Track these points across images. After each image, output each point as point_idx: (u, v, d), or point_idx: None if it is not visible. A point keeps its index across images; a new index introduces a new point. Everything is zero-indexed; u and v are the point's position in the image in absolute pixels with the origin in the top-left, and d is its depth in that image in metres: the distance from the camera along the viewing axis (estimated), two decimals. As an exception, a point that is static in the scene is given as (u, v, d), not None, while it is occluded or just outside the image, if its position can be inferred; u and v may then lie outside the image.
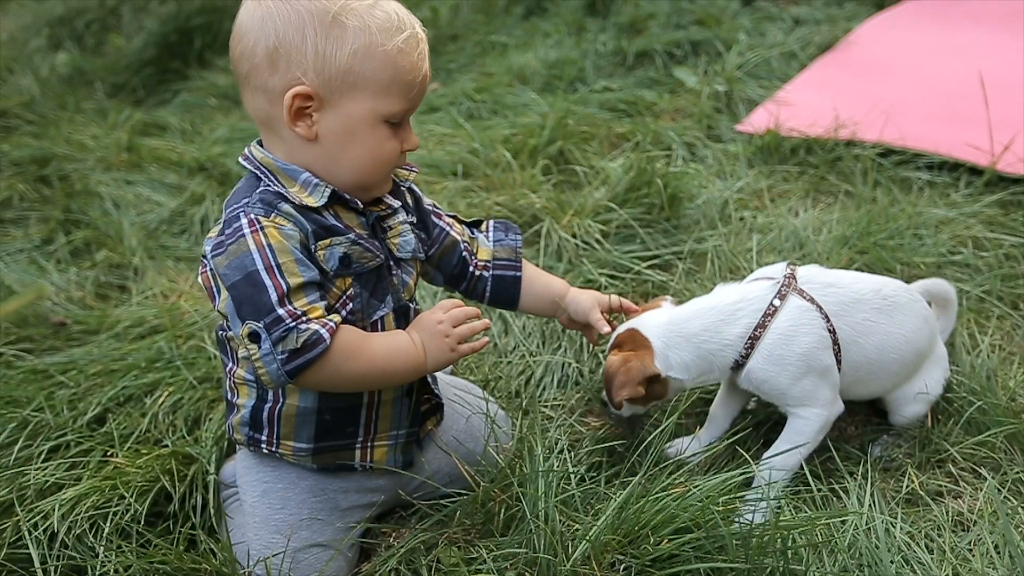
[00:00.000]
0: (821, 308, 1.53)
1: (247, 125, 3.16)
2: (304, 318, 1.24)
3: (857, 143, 2.60)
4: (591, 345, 1.89)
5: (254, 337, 1.23)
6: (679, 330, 1.54)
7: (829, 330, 1.53)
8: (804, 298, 1.53)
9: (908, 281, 1.80)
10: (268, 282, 1.23)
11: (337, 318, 1.29)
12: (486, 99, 3.11)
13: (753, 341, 1.52)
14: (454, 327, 1.38)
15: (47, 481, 1.53)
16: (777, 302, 1.52)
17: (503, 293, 1.58)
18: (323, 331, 1.24)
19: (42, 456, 1.60)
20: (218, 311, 1.32)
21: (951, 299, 1.84)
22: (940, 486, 1.57)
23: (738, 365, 1.54)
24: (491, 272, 1.57)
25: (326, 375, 1.27)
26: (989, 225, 2.25)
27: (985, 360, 1.80)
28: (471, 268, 1.57)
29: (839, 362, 1.55)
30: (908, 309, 1.61)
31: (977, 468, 1.59)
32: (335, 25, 1.25)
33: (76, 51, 4.01)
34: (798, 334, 1.51)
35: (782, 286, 1.54)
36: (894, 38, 3.41)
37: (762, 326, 1.51)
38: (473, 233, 1.60)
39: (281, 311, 1.23)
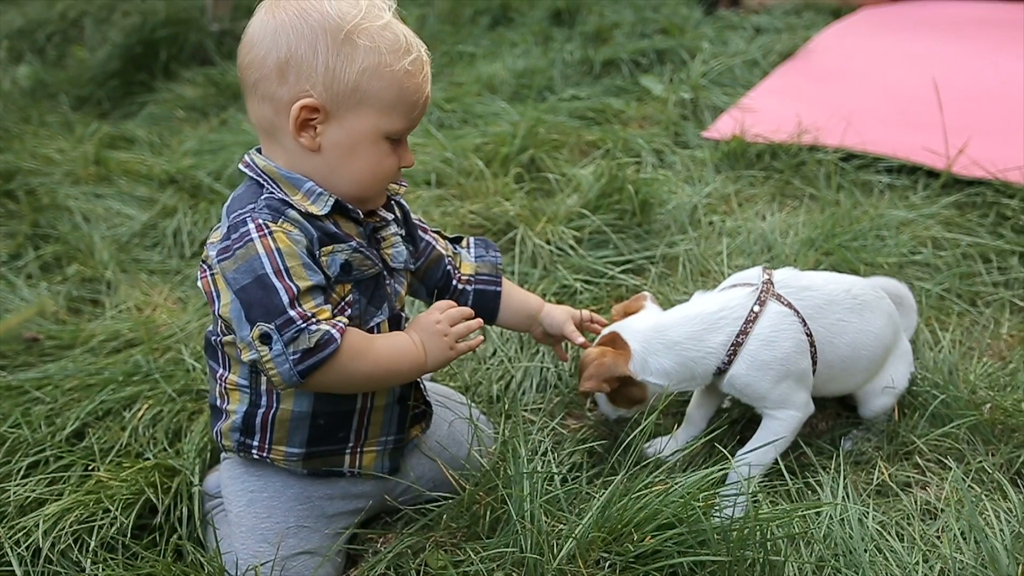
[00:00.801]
0: (798, 312, 1.58)
1: (217, 137, 3.15)
2: (314, 319, 1.26)
3: (820, 148, 2.68)
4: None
5: (265, 339, 1.25)
6: (661, 337, 1.58)
7: (807, 334, 1.58)
8: (782, 303, 1.58)
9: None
10: (278, 284, 1.25)
11: (344, 319, 1.31)
12: (456, 108, 3.14)
13: (736, 348, 1.56)
14: (451, 326, 1.41)
15: (28, 497, 1.52)
16: (757, 308, 1.57)
17: (483, 307, 1.62)
18: (334, 331, 1.27)
19: (21, 472, 1.59)
20: (218, 315, 1.33)
21: (905, 297, 1.90)
22: (908, 477, 1.63)
23: (720, 371, 1.58)
24: (473, 286, 1.61)
25: (335, 375, 1.29)
26: (947, 226, 2.33)
27: (947, 355, 1.87)
28: (454, 282, 1.60)
29: (815, 363, 1.60)
30: (875, 307, 1.67)
31: (943, 459, 1.65)
32: (347, 43, 1.28)
33: (38, 64, 3.96)
34: (779, 339, 1.56)
35: (761, 292, 1.59)
36: (851, 46, 3.52)
37: (744, 332, 1.56)
38: (456, 249, 1.64)
39: (292, 312, 1.25)
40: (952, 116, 2.64)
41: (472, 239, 1.67)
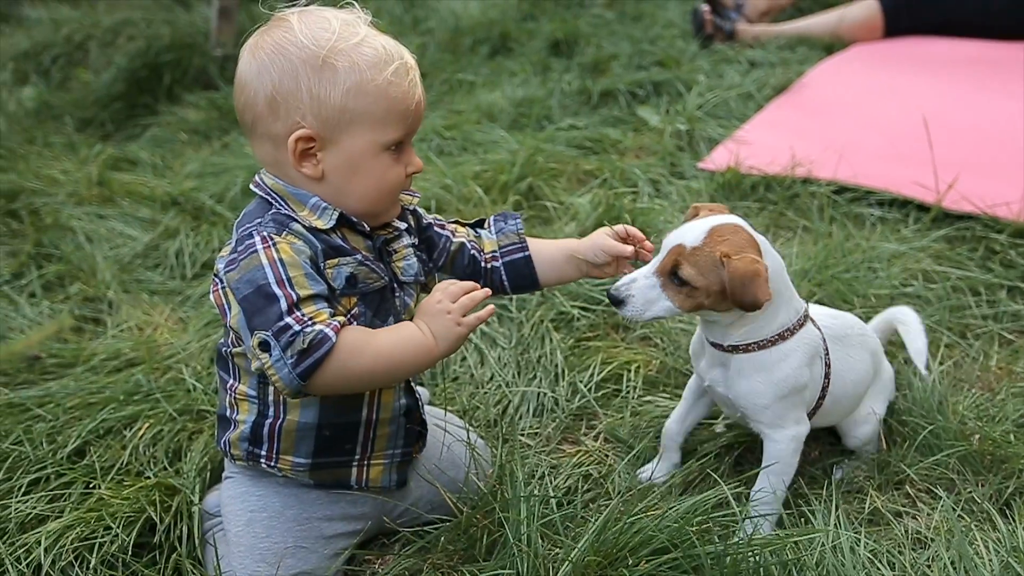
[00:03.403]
0: (824, 340, 1.63)
1: (219, 160, 3.19)
2: (310, 322, 1.28)
3: (813, 180, 2.73)
4: (566, 366, 1.95)
5: (264, 346, 1.28)
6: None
7: (825, 362, 1.63)
8: (815, 326, 1.63)
9: (866, 313, 1.90)
10: (278, 292, 1.28)
11: (342, 319, 1.32)
12: (456, 136, 3.19)
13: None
14: (453, 303, 1.37)
15: (29, 514, 1.53)
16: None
17: (520, 276, 1.61)
18: (327, 330, 1.28)
19: (22, 489, 1.60)
20: (229, 327, 1.36)
21: (912, 322, 1.97)
22: (899, 506, 1.65)
23: (734, 349, 1.56)
24: (500, 261, 1.61)
25: (336, 373, 1.29)
26: (937, 259, 2.38)
27: (936, 386, 1.91)
28: (481, 263, 1.61)
29: (825, 391, 1.64)
30: (863, 343, 1.73)
31: (933, 488, 1.68)
32: (325, 68, 1.32)
33: (43, 85, 4.00)
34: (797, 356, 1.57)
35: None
36: (844, 81, 3.59)
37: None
38: (477, 232, 1.65)
39: (289, 319, 1.27)
40: (942, 151, 2.70)
41: (492, 217, 1.66)
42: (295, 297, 1.28)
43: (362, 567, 1.54)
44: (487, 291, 1.41)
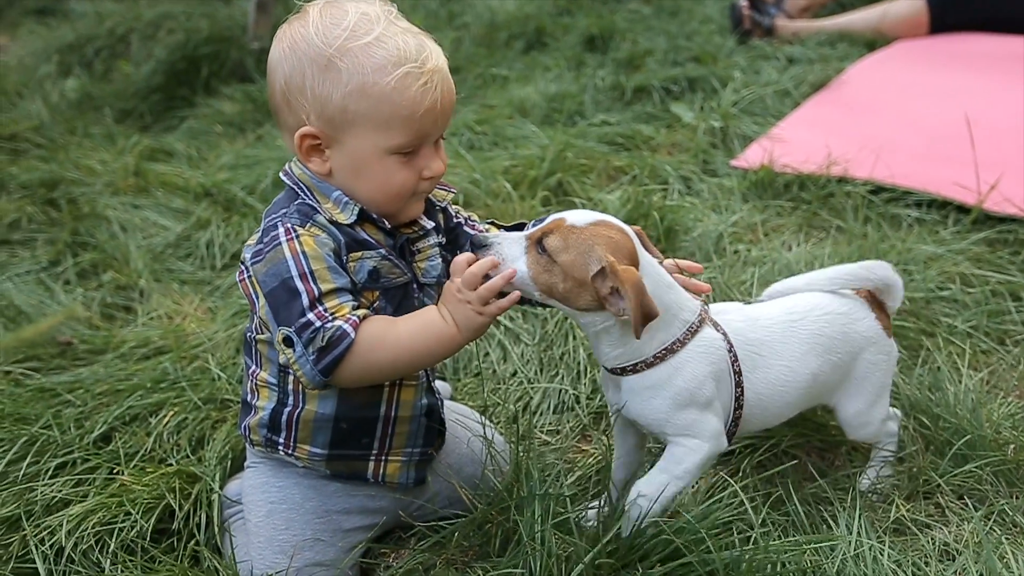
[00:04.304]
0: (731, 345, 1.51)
1: (252, 152, 3.23)
2: (331, 318, 1.28)
3: (849, 180, 2.67)
4: (589, 363, 1.94)
5: (288, 342, 1.29)
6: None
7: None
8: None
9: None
10: (301, 287, 1.29)
11: (363, 312, 1.31)
12: (487, 131, 3.18)
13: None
14: (472, 289, 1.33)
15: (54, 497, 1.56)
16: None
17: None
18: (346, 326, 1.28)
19: (49, 472, 1.64)
20: (259, 317, 1.38)
21: (890, 278, 1.68)
22: (928, 516, 1.61)
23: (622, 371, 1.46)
24: None
25: (357, 367, 1.29)
26: (976, 262, 2.31)
27: (971, 394, 1.85)
28: None
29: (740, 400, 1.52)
30: (798, 335, 1.57)
31: (964, 499, 1.63)
32: (330, 68, 1.32)
33: (85, 77, 4.08)
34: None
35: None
36: (885, 78, 3.50)
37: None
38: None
39: (311, 315, 1.28)
40: (985, 151, 2.62)
41: (532, 222, 1.57)
42: (317, 292, 1.29)
43: (377, 560, 1.55)
44: (508, 275, 1.34)
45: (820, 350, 1.55)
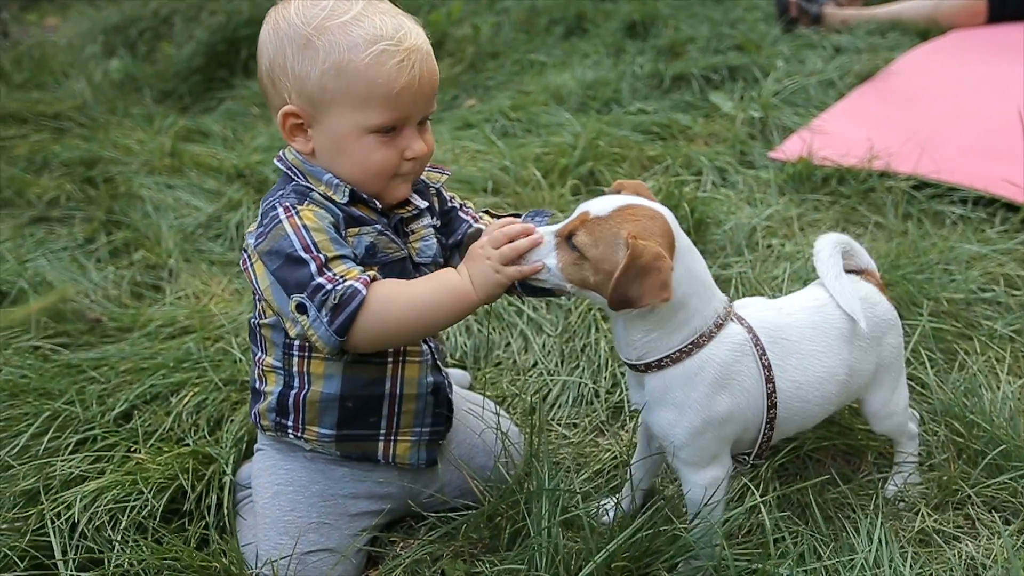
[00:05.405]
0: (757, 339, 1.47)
1: (287, 135, 3.24)
2: (341, 279, 1.29)
3: (890, 174, 2.58)
4: (610, 357, 1.90)
5: (301, 308, 1.30)
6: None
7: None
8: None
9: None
10: (307, 256, 1.30)
11: (372, 273, 1.33)
12: (521, 117, 3.15)
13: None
14: (496, 248, 1.32)
15: (72, 473, 1.59)
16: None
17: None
18: (357, 284, 1.29)
19: (69, 448, 1.66)
20: (263, 300, 1.39)
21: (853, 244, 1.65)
22: (956, 528, 1.54)
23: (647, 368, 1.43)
24: None
25: (371, 325, 1.29)
26: (1023, 263, 2.21)
27: (1009, 401, 1.77)
28: None
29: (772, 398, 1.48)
30: (824, 327, 1.53)
31: (995, 512, 1.56)
32: (307, 47, 1.33)
33: (129, 58, 4.15)
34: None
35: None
36: (936, 69, 3.37)
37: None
38: None
39: (321, 279, 1.29)
40: (1038, 148, 2.51)
41: (525, 214, 1.56)
42: (323, 259, 1.30)
43: (385, 548, 1.54)
44: (536, 238, 1.32)
45: (849, 335, 1.51)
